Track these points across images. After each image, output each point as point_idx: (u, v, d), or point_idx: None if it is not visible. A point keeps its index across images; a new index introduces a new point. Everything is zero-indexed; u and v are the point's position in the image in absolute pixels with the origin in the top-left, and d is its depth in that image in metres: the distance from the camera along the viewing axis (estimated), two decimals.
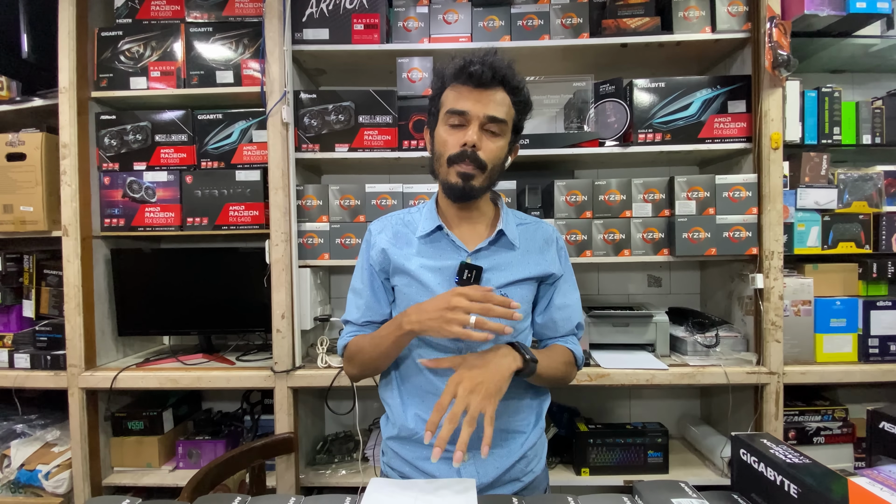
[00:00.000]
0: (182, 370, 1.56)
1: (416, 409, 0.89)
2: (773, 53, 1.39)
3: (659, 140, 1.52)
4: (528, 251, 0.93)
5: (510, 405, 0.89)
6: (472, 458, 0.86)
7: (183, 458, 1.65)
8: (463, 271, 0.86)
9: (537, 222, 0.99)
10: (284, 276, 1.49)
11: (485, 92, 0.83)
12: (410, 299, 0.89)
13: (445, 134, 0.85)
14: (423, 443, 0.87)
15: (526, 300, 0.92)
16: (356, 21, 1.52)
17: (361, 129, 1.54)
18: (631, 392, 1.88)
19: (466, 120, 0.83)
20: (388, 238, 0.94)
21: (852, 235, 1.54)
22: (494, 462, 0.87)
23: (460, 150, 0.83)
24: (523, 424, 0.91)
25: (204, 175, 1.59)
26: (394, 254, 0.92)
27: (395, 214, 0.99)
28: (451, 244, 0.90)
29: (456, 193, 0.86)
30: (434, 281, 0.88)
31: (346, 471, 1.59)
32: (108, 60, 1.58)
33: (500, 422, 0.86)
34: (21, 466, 1.58)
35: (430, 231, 0.91)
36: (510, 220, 0.94)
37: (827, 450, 1.56)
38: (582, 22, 1.52)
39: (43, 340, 1.63)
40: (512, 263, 0.90)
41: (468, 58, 0.83)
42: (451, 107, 0.84)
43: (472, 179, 0.84)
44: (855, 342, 1.52)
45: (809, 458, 0.56)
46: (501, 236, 0.91)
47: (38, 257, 1.73)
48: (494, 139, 0.85)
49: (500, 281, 0.89)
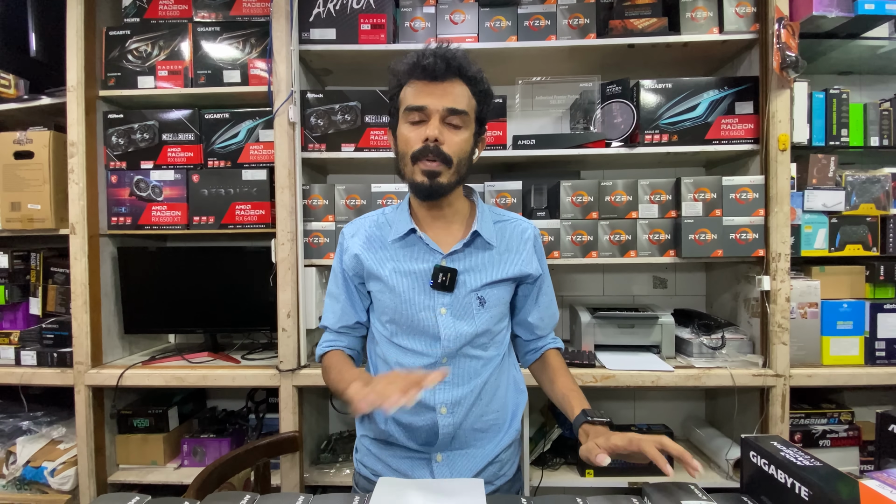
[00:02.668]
0: (188, 368, 1.56)
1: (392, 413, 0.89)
2: (782, 54, 1.38)
3: (666, 141, 1.52)
4: (505, 250, 0.91)
5: (486, 402, 0.88)
6: (445, 459, 0.87)
7: (188, 455, 1.65)
8: (437, 275, 0.85)
9: (515, 219, 0.96)
10: (290, 275, 1.50)
11: (441, 84, 0.81)
12: (385, 305, 0.88)
13: (407, 132, 0.83)
14: (396, 444, 0.88)
15: (502, 301, 0.90)
16: (363, 21, 1.52)
17: (368, 129, 1.54)
18: (636, 394, 1.87)
19: (426, 115, 0.81)
20: (361, 243, 0.92)
21: (859, 238, 1.54)
22: (469, 461, 0.87)
23: (423, 146, 0.81)
24: (497, 423, 0.90)
25: (210, 174, 1.59)
26: (367, 259, 0.90)
27: (369, 216, 0.97)
28: (425, 247, 0.88)
29: (423, 192, 0.84)
30: (408, 286, 0.86)
31: (349, 470, 1.59)
32: (116, 59, 1.59)
33: (474, 419, 0.87)
34: (27, 463, 1.59)
35: (403, 234, 0.89)
36: (486, 218, 0.92)
37: (833, 453, 1.56)
38: (589, 22, 1.52)
39: (49, 338, 1.64)
40: (489, 264, 0.89)
41: (421, 52, 0.82)
42: (410, 103, 0.82)
43: (438, 176, 0.82)
44: (862, 345, 1.51)
45: (820, 461, 0.56)
46: (477, 237, 0.89)
47: (45, 255, 1.73)
48: (457, 132, 0.83)
49: (477, 283, 0.87)
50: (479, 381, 0.87)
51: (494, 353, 0.90)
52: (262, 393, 1.77)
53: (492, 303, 0.87)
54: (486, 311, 0.87)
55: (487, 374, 0.88)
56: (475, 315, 0.86)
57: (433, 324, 0.85)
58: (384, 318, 0.90)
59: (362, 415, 0.92)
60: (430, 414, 0.84)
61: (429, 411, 0.84)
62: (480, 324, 0.86)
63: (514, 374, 0.97)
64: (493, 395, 0.89)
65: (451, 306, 0.86)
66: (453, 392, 0.85)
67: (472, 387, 0.86)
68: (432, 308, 0.85)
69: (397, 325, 0.88)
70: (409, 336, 0.87)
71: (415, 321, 0.86)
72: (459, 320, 0.85)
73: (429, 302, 0.86)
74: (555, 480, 1.54)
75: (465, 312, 0.86)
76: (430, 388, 0.72)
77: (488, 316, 0.87)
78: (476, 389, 0.86)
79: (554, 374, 0.94)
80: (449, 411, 0.85)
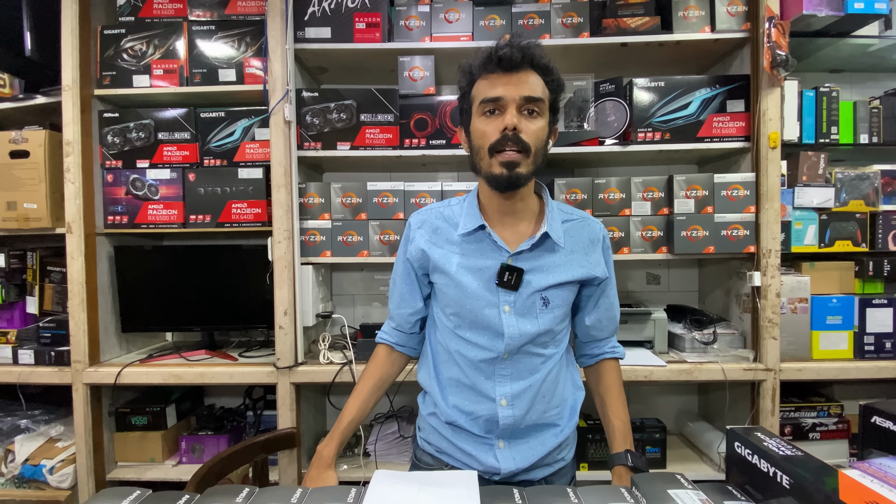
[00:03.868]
0: (185, 366, 1.57)
1: (455, 399, 0.91)
2: (772, 53, 1.40)
3: (658, 139, 1.53)
4: (572, 251, 0.91)
5: (547, 398, 0.91)
6: (507, 446, 0.89)
7: (186, 452, 1.66)
8: (503, 273, 0.86)
9: (584, 218, 0.96)
10: (287, 273, 1.51)
11: (516, 74, 0.81)
12: (450, 298, 0.90)
13: (483, 124, 0.83)
14: (463, 429, 0.91)
15: (566, 302, 0.91)
16: (358, 20, 1.53)
17: (363, 128, 1.55)
18: (629, 388, 1.87)
19: (502, 106, 0.81)
20: (427, 235, 0.93)
21: (849, 234, 1.56)
22: (531, 450, 0.90)
23: (501, 136, 0.81)
24: (559, 418, 0.93)
25: (207, 173, 1.60)
26: (433, 253, 0.91)
27: (434, 207, 0.97)
28: (493, 244, 0.88)
29: (502, 184, 0.83)
30: (473, 283, 0.88)
31: (347, 465, 1.60)
32: (111, 58, 1.59)
33: (538, 415, 0.90)
34: (25, 461, 1.59)
35: (472, 230, 0.89)
36: (555, 217, 0.91)
37: (822, 445, 1.58)
38: (582, 21, 1.53)
39: (47, 336, 1.65)
40: (555, 265, 0.89)
41: (494, 46, 0.82)
42: (486, 95, 0.82)
43: (517, 167, 0.81)
44: (851, 339, 1.54)
45: (802, 451, 0.58)
46: (546, 238, 0.89)
47: (42, 254, 1.73)
48: (534, 120, 0.82)
49: (542, 284, 0.87)
50: (539, 377, 0.89)
51: (554, 351, 0.91)
52: (259, 390, 1.78)
53: (555, 304, 0.88)
54: (549, 312, 0.88)
55: (547, 370, 0.89)
56: (538, 315, 0.87)
57: (497, 321, 0.87)
58: (448, 311, 0.91)
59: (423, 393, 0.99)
60: (491, 404, 0.88)
61: (489, 402, 0.88)
62: (543, 324, 0.87)
63: (571, 370, 0.99)
64: (553, 392, 0.91)
65: (515, 305, 0.87)
66: (513, 386, 0.88)
67: (532, 382, 0.88)
68: (496, 305, 0.87)
69: (461, 319, 0.90)
70: (473, 330, 0.89)
71: (479, 317, 0.87)
72: (522, 319, 0.87)
73: (493, 299, 0.87)
74: None
75: (529, 312, 0.87)
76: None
77: (551, 316, 0.88)
78: (536, 385, 0.88)
79: (606, 393, 0.97)
80: (509, 403, 0.88)
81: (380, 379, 0.99)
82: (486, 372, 0.88)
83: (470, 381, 0.89)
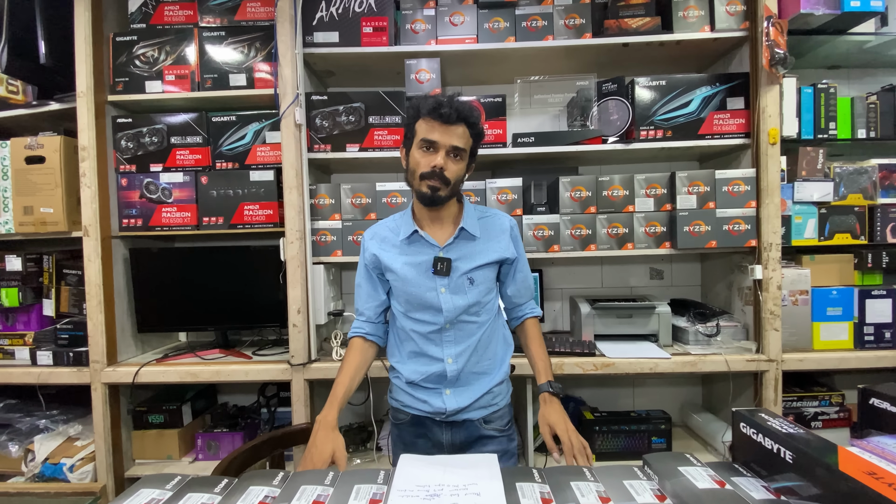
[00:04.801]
0: (201, 365, 1.61)
1: (413, 365, 1.15)
2: (771, 51, 1.43)
3: (660, 137, 1.57)
4: (487, 239, 1.15)
5: (481, 353, 1.14)
6: (452, 392, 1.13)
7: (202, 450, 1.70)
8: (437, 263, 1.10)
9: (495, 214, 1.20)
10: (299, 272, 1.54)
11: (450, 127, 1.05)
12: (400, 290, 1.14)
13: (419, 156, 1.07)
14: (420, 385, 1.15)
15: (489, 279, 1.15)
16: (365, 24, 1.56)
17: (371, 130, 1.59)
18: (635, 381, 1.93)
19: (436, 147, 1.05)
20: (377, 244, 1.17)
21: (848, 227, 1.59)
22: (469, 393, 1.13)
23: (430, 170, 1.05)
24: (491, 368, 1.17)
25: (219, 175, 1.64)
26: (383, 256, 1.15)
27: (382, 223, 1.22)
28: (426, 243, 1.13)
29: (426, 200, 1.09)
30: (415, 274, 1.12)
31: (360, 460, 1.64)
32: (124, 65, 1.62)
33: (472, 366, 1.14)
34: (45, 460, 1.63)
35: (408, 235, 1.13)
36: (471, 216, 1.16)
37: (824, 434, 1.54)
38: (584, 22, 1.57)
39: (64, 338, 1.68)
40: (475, 252, 1.13)
41: (439, 99, 1.05)
42: (424, 136, 1.06)
43: (438, 191, 1.07)
44: (851, 330, 1.57)
45: (804, 429, 0.61)
46: (463, 231, 1.13)
47: (58, 257, 1.77)
48: (456, 162, 1.07)
49: (467, 267, 1.11)
50: (475, 339, 1.13)
51: (486, 318, 1.15)
52: (272, 388, 1.82)
53: (479, 281, 1.13)
54: (475, 288, 1.12)
55: (480, 333, 1.14)
56: (467, 291, 1.12)
57: (436, 300, 1.11)
58: (401, 299, 1.15)
59: (391, 366, 1.21)
60: (441, 364, 1.12)
61: (439, 362, 1.12)
62: (472, 297, 1.12)
63: (502, 331, 1.23)
64: (487, 348, 1.16)
65: (449, 286, 1.11)
66: (456, 347, 1.13)
67: (469, 343, 1.13)
68: (434, 289, 1.11)
69: (410, 304, 1.14)
70: (420, 310, 1.13)
71: (423, 299, 1.12)
72: (455, 295, 1.11)
73: (432, 284, 1.11)
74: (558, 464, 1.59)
75: (460, 290, 1.11)
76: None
77: (477, 291, 1.13)
78: (472, 345, 1.13)
79: (529, 341, 1.21)
80: (454, 361, 1.12)
81: (361, 362, 1.18)
82: (436, 340, 1.13)
83: (422, 350, 1.14)
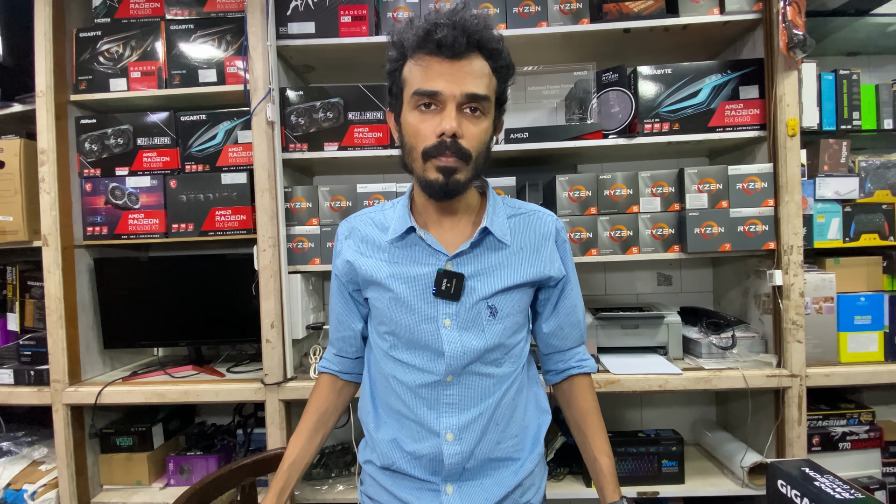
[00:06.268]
0: (169, 384, 1.49)
1: (394, 433, 0.79)
2: (788, 33, 1.30)
3: (666, 130, 1.44)
4: (521, 248, 0.79)
5: (503, 426, 0.77)
6: (456, 491, 0.75)
7: (174, 474, 1.58)
8: (441, 281, 0.73)
9: (534, 211, 0.83)
10: (273, 282, 1.42)
11: (458, 63, 0.67)
12: (383, 315, 0.77)
13: (416, 121, 0.70)
14: (401, 472, 0.77)
15: (519, 310, 0.78)
16: (343, 13, 1.45)
17: (351, 127, 1.47)
18: (643, 398, 1.79)
19: (440, 101, 0.68)
20: (355, 245, 0.82)
21: (875, 227, 1.46)
22: (485, 493, 0.75)
23: (438, 141, 0.68)
24: (518, 451, 0.79)
25: (188, 179, 1.52)
26: (361, 264, 0.79)
27: (365, 213, 0.85)
28: (427, 248, 0.76)
29: (438, 192, 0.72)
30: (407, 293, 0.75)
31: (343, 486, 1.51)
32: (87, 62, 1.52)
33: (490, 448, 0.76)
34: (7, 486, 1.52)
35: (400, 234, 0.77)
36: (499, 213, 0.79)
37: (853, 456, 1.47)
38: (581, 7, 1.44)
39: (27, 355, 1.57)
40: (501, 266, 0.77)
41: (432, 19, 0.68)
42: (420, 87, 0.69)
43: (455, 173, 0.69)
44: (881, 340, 1.43)
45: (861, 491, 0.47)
46: (487, 235, 0.77)
47: (22, 269, 1.67)
48: (477, 121, 0.70)
49: (487, 290, 0.75)
50: (492, 402, 0.75)
51: (510, 370, 0.77)
52: (250, 406, 1.70)
53: (505, 312, 0.75)
54: (498, 323, 0.75)
55: (501, 393, 0.76)
56: (485, 327, 0.75)
57: (435, 337, 0.74)
58: (382, 329, 0.79)
59: (363, 439, 0.86)
60: (435, 440, 0.74)
61: (433, 437, 0.74)
62: (491, 337, 0.75)
63: (535, 390, 0.85)
64: (511, 419, 0.77)
65: (458, 317, 0.74)
66: (461, 416, 0.74)
67: (483, 409, 0.74)
68: (435, 319, 0.74)
69: (396, 338, 0.77)
70: (409, 350, 0.76)
71: (415, 333, 0.75)
72: (466, 333, 0.74)
73: (431, 312, 0.74)
74: (560, 491, 1.45)
75: (474, 324, 0.74)
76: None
77: (501, 328, 0.75)
78: (488, 412, 0.75)
79: (583, 420, 0.84)
80: (456, 437, 0.73)
81: (325, 412, 0.87)
82: (429, 400, 0.75)
83: (411, 412, 0.76)
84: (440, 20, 0.67)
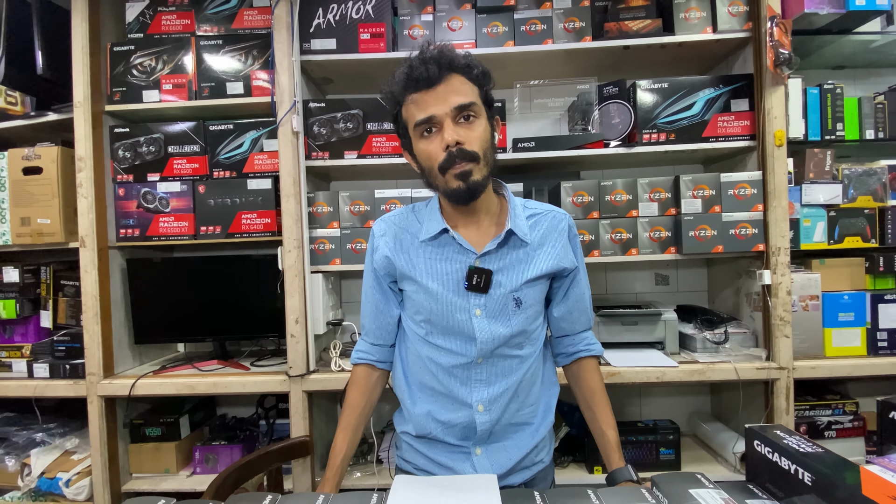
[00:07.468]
0: (198, 376, 1.58)
1: (428, 406, 0.90)
2: (775, 52, 1.41)
3: (663, 140, 1.54)
4: (540, 245, 0.89)
5: (523, 397, 0.89)
6: (484, 452, 0.88)
7: (200, 463, 1.67)
8: (472, 276, 0.84)
9: (548, 211, 0.94)
10: (297, 281, 1.52)
11: (438, 87, 0.78)
12: (420, 305, 0.88)
13: (425, 146, 0.82)
14: (438, 440, 0.89)
15: (539, 300, 0.90)
16: (362, 30, 1.55)
17: (370, 136, 1.57)
18: (641, 390, 1.89)
19: (437, 123, 0.80)
20: (391, 242, 0.92)
21: (858, 230, 1.55)
22: (507, 454, 0.88)
23: (447, 155, 0.79)
24: (533, 416, 0.91)
25: (216, 184, 1.62)
26: (398, 260, 0.90)
27: (398, 213, 0.96)
28: (458, 247, 0.87)
29: (463, 196, 0.82)
30: (441, 287, 0.86)
31: (360, 473, 1.60)
32: (121, 74, 1.62)
33: (511, 415, 0.88)
34: (41, 474, 1.61)
35: (434, 234, 0.88)
36: (519, 214, 0.90)
37: (838, 443, 1.57)
38: (584, 26, 1.55)
39: (61, 350, 1.66)
40: (523, 262, 0.87)
41: (409, 65, 0.80)
42: (416, 119, 0.81)
43: (471, 175, 0.80)
44: (864, 336, 1.53)
45: (822, 448, 0.58)
46: (511, 235, 0.87)
47: (55, 268, 1.76)
48: (472, 125, 0.81)
49: (512, 283, 0.86)
50: (515, 378, 0.87)
51: (530, 351, 0.89)
52: (271, 399, 1.79)
53: (528, 303, 0.87)
54: (522, 312, 0.86)
55: (523, 371, 0.88)
56: (511, 316, 0.86)
57: (468, 325, 0.85)
58: (418, 318, 0.90)
59: (397, 410, 0.97)
60: (468, 411, 0.86)
61: (466, 408, 0.86)
62: (516, 325, 0.86)
63: (547, 366, 0.97)
64: (529, 391, 0.90)
65: (486, 307, 0.85)
66: (490, 390, 0.86)
67: (508, 384, 0.87)
68: (467, 310, 0.85)
69: (432, 325, 0.88)
70: (445, 336, 0.87)
71: (450, 322, 0.86)
72: (495, 321, 0.85)
73: (463, 303, 0.85)
74: (564, 478, 1.55)
75: (501, 313, 0.86)
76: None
77: (524, 317, 0.87)
78: (512, 387, 0.87)
79: (591, 398, 0.95)
80: (486, 409, 0.86)
81: (364, 407, 0.96)
82: (462, 378, 0.87)
83: (445, 388, 0.88)
84: (413, 63, 0.79)
